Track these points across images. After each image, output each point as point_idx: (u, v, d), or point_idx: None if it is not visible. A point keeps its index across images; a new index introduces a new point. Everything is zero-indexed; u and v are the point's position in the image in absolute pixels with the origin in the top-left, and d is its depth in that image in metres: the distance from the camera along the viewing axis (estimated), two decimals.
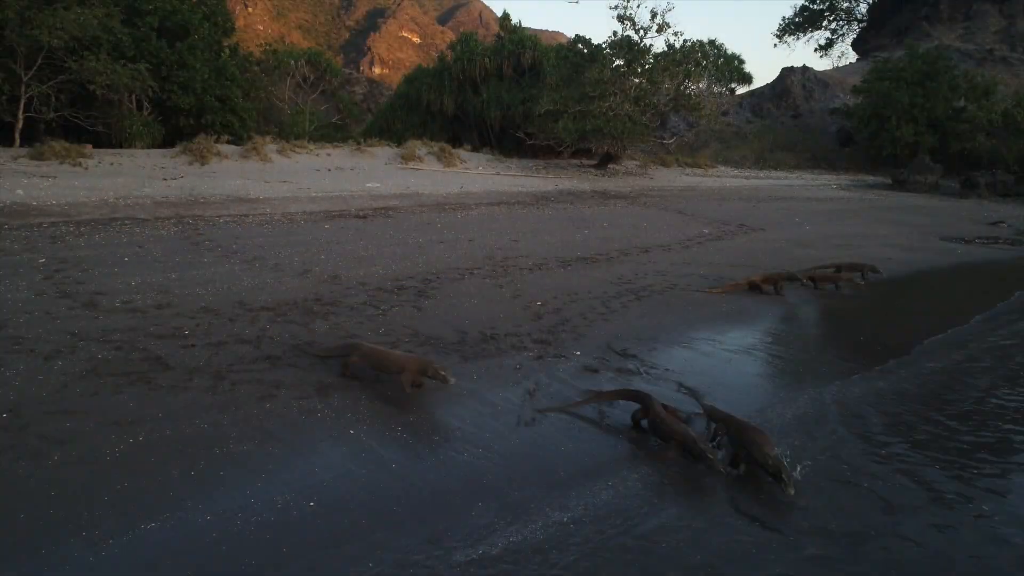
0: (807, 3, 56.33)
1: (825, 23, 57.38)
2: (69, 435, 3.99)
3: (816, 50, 61.13)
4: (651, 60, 24.29)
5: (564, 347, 6.21)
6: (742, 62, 26.26)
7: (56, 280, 7.10)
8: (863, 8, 56.53)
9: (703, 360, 6.24)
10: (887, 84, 33.08)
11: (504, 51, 28.98)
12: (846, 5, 56.59)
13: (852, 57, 56.41)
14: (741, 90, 30.88)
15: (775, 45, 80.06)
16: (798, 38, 57.83)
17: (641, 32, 24.06)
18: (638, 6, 42.76)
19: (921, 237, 15.42)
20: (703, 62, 24.90)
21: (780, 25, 57.18)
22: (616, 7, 23.93)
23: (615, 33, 24.46)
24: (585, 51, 24.90)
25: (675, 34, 25.31)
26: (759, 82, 52.35)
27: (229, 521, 3.35)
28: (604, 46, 24.48)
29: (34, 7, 16.40)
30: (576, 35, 26.45)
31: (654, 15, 24.00)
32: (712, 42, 25.28)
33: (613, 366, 5.86)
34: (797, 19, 56.69)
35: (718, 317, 7.68)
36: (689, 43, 24.64)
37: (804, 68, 45.00)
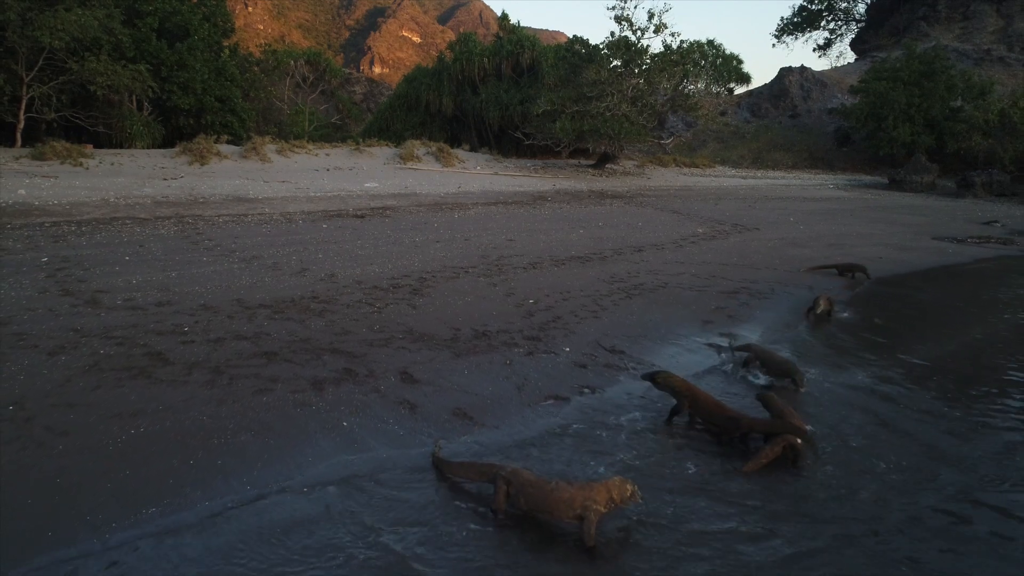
0: (805, 3, 56.56)
1: (823, 23, 57.62)
2: (72, 427, 4.15)
3: (814, 50, 61.39)
4: (648, 61, 24.47)
5: (554, 344, 6.36)
6: (740, 62, 26.47)
7: (59, 278, 7.27)
8: (861, 8, 56.75)
9: (689, 356, 6.39)
10: (884, 84, 33.24)
11: (503, 51, 29.15)
12: (844, 5, 56.83)
13: (850, 57, 56.66)
14: (739, 90, 31.12)
15: (773, 45, 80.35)
16: (796, 38, 58.11)
17: (638, 33, 24.24)
18: (635, 7, 42.94)
19: (914, 236, 15.56)
20: (701, 62, 25.07)
21: (779, 25, 57.50)
22: (614, 8, 24.13)
23: (612, 34, 24.67)
24: (583, 52, 25.08)
25: (672, 35, 25.52)
26: (757, 82, 52.63)
27: (225, 508, 3.50)
28: (602, 47, 24.67)
29: (35, 8, 16.57)
30: (574, 36, 26.63)
31: (651, 16, 24.22)
32: (710, 42, 25.50)
33: (602, 362, 6.01)
34: (795, 19, 56.92)
35: (706, 315, 7.82)
36: (686, 43, 24.81)
37: (802, 68, 45.19)
